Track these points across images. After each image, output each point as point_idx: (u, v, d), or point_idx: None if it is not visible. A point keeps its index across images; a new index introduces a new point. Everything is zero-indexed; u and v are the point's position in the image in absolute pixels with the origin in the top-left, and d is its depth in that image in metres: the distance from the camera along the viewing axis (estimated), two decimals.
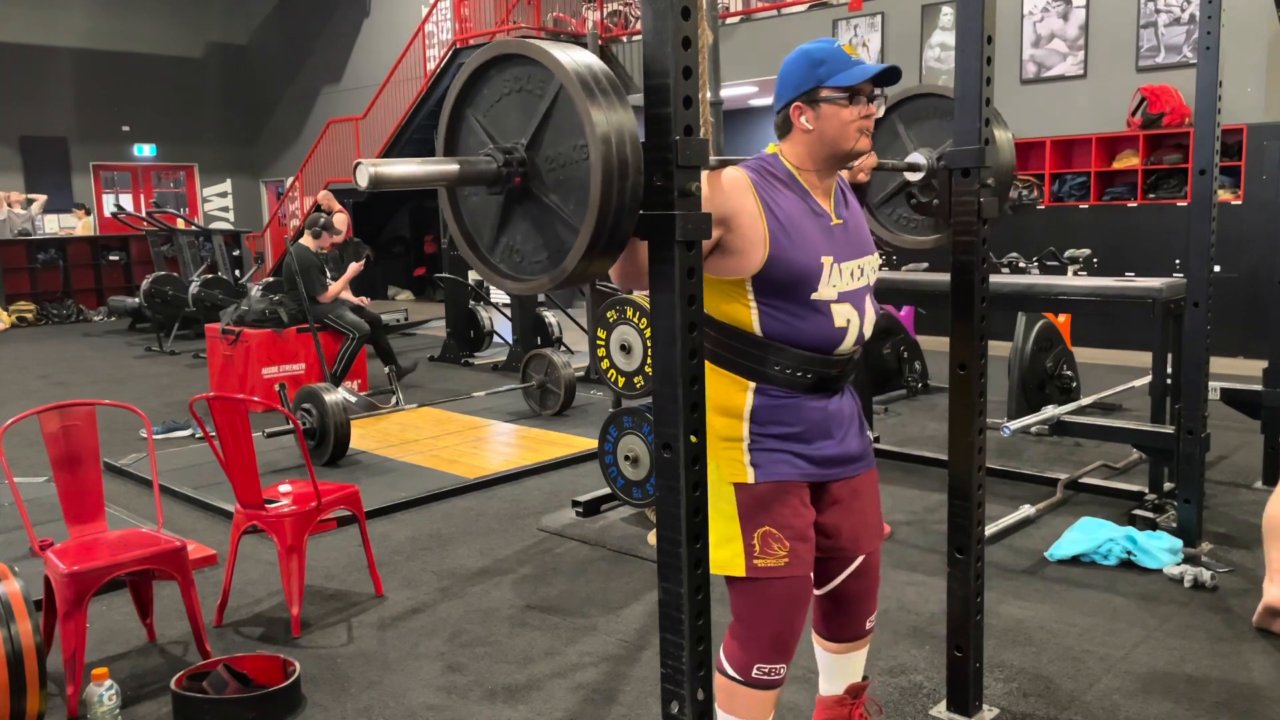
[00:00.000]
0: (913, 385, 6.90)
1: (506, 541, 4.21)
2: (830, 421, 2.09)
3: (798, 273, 1.99)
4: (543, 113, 1.68)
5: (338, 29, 17.01)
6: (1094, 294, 4.49)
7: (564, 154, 1.67)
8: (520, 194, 1.74)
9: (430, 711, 2.81)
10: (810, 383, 2.05)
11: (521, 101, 1.72)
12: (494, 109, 1.78)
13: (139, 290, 11.53)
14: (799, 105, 2.03)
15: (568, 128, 1.66)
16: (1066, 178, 8.91)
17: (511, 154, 1.71)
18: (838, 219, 2.09)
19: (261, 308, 7.27)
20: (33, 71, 16.09)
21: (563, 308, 8.86)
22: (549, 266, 1.73)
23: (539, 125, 1.69)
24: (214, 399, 3.36)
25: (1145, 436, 4.13)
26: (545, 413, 6.59)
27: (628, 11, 12.45)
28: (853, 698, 2.34)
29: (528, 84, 1.71)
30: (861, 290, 2.10)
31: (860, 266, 2.10)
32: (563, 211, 1.69)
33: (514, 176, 1.72)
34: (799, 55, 2.05)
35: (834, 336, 2.04)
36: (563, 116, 1.66)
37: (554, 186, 1.70)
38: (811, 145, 2.04)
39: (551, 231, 1.72)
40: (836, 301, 2.04)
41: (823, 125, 2.02)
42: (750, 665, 2.04)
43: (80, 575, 2.82)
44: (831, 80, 2.00)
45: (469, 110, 1.81)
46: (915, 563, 3.81)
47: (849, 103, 2.01)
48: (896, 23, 10.04)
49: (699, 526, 1.73)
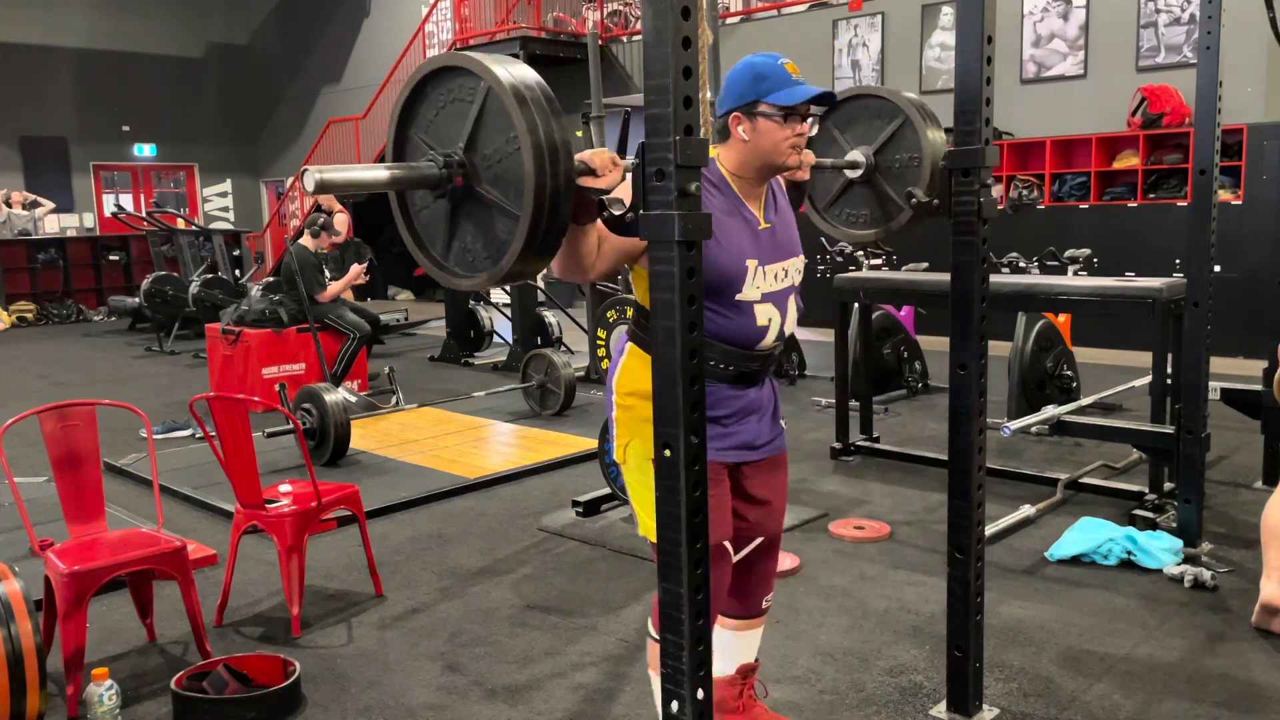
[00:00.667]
0: (913, 385, 6.91)
1: (506, 541, 4.21)
2: (748, 409, 2.27)
3: (724, 275, 2.13)
4: (475, 115, 1.81)
5: (338, 29, 17.01)
6: (1094, 294, 4.49)
7: (499, 149, 1.79)
8: (464, 194, 1.86)
9: (430, 711, 2.81)
10: (731, 375, 2.22)
11: (456, 112, 1.85)
12: (433, 124, 1.91)
13: (139, 290, 11.54)
14: (738, 115, 2.15)
15: (498, 125, 1.78)
16: (1066, 178, 8.91)
17: (451, 157, 1.84)
18: (766, 223, 2.23)
19: (261, 308, 7.27)
20: (33, 71, 16.09)
21: (563, 307, 8.86)
22: (499, 256, 1.84)
23: (473, 128, 1.81)
24: (214, 399, 3.36)
25: (1145, 436, 4.13)
26: (545, 413, 6.59)
27: (628, 11, 12.45)
28: (743, 678, 2.52)
29: (459, 93, 1.84)
30: (785, 291, 2.25)
31: (785, 268, 2.25)
32: (504, 203, 1.80)
33: (455, 177, 1.84)
34: (744, 66, 2.17)
35: (756, 334, 2.21)
36: (493, 116, 1.79)
37: (493, 181, 1.82)
38: (746, 155, 2.17)
39: (499, 224, 1.83)
40: (759, 302, 2.19)
41: (758, 139, 2.14)
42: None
43: (80, 575, 2.82)
44: (770, 97, 2.11)
45: (411, 131, 1.94)
46: (915, 563, 3.81)
47: (784, 121, 2.13)
48: (896, 23, 10.04)
49: (699, 527, 1.73)
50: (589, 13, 12.69)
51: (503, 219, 1.81)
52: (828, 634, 3.20)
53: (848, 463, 5.25)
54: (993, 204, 2.43)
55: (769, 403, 2.35)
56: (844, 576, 3.69)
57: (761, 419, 2.31)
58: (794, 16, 10.89)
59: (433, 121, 1.91)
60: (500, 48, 12.25)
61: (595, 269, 2.05)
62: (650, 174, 1.64)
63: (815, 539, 4.08)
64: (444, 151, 1.85)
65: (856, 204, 3.02)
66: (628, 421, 2.23)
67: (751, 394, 2.28)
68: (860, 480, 4.95)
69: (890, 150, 2.90)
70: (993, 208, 2.44)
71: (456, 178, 1.83)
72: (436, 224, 1.95)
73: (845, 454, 5.30)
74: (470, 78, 1.81)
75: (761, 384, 2.32)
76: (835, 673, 2.94)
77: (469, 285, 1.94)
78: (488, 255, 1.87)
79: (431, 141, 1.90)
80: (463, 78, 1.83)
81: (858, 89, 3.08)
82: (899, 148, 2.88)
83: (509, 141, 1.76)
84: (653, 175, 1.63)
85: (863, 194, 3.00)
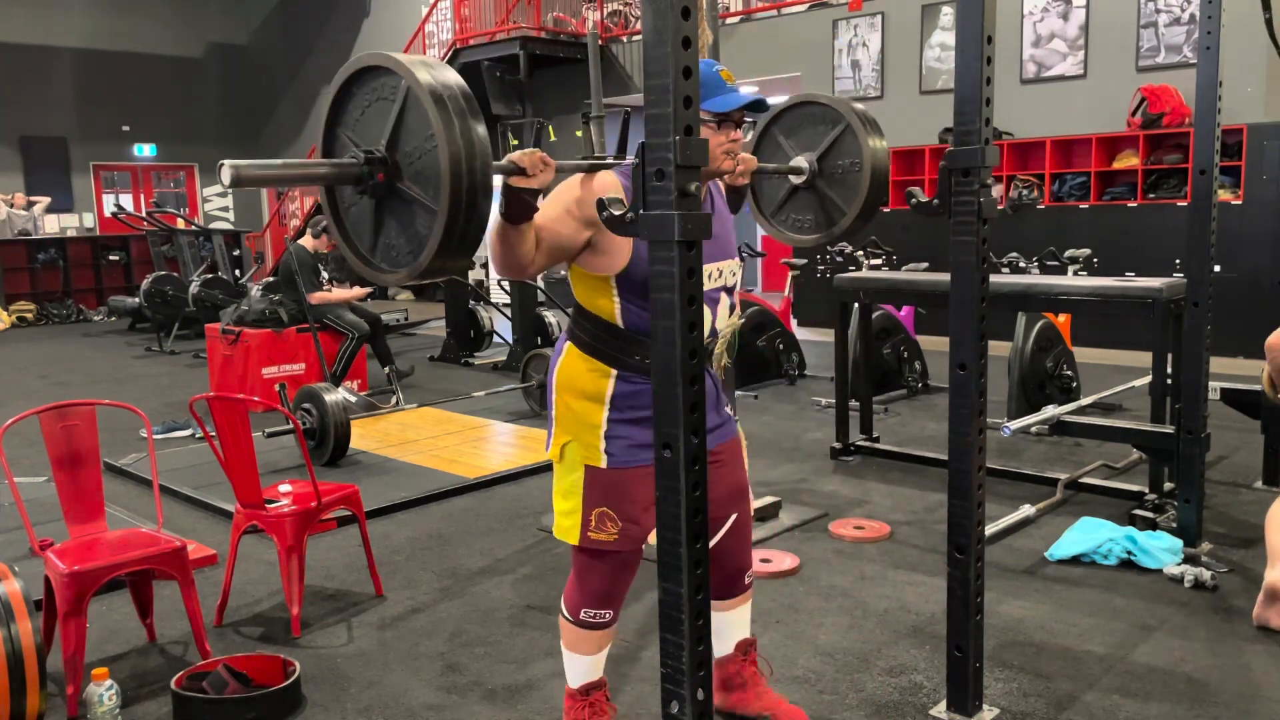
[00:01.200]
0: (913, 385, 6.91)
1: (506, 541, 4.21)
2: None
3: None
4: (396, 114, 1.86)
5: (338, 29, 17.01)
6: (1094, 294, 4.49)
7: (418, 147, 1.85)
8: (385, 190, 1.91)
9: (430, 711, 2.81)
10: None
11: (380, 110, 1.91)
12: (359, 122, 1.96)
13: (139, 290, 11.53)
14: None
15: (418, 124, 1.83)
16: (1066, 178, 8.91)
17: (372, 154, 1.90)
18: None
19: (261, 308, 7.27)
20: (33, 71, 16.09)
21: (563, 307, 8.86)
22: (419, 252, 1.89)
23: (394, 125, 1.87)
24: (214, 399, 3.36)
25: (1145, 436, 4.13)
26: (545, 412, 6.58)
27: (628, 11, 12.45)
28: (743, 654, 2.63)
29: (383, 92, 1.90)
30: (716, 290, 2.32)
31: (719, 269, 2.32)
32: (423, 199, 1.85)
33: (376, 173, 1.88)
34: None
35: None
36: (413, 115, 1.85)
37: (414, 178, 1.87)
38: None
39: (420, 220, 1.88)
40: None
41: None
42: (579, 609, 2.40)
43: (80, 575, 2.82)
44: (705, 104, 2.15)
45: (339, 130, 1.99)
46: (915, 563, 3.81)
47: (718, 128, 2.20)
48: (896, 23, 10.04)
49: (699, 527, 1.73)
50: (589, 13, 12.69)
51: (423, 215, 1.87)
52: (828, 634, 3.20)
53: (848, 463, 5.25)
54: (993, 204, 2.43)
55: (709, 395, 2.38)
56: (844, 576, 3.69)
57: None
58: (794, 16, 10.89)
59: (359, 120, 1.96)
60: (500, 48, 12.26)
61: (534, 264, 2.13)
62: (650, 174, 1.64)
63: (815, 539, 4.08)
64: (366, 149, 1.90)
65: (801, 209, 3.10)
66: (567, 421, 2.32)
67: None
68: (860, 480, 4.95)
69: (832, 156, 2.94)
70: (993, 208, 2.43)
71: (378, 174, 1.89)
72: (363, 220, 2.01)
73: (845, 454, 5.30)
74: (392, 77, 1.87)
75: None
76: (835, 673, 2.94)
77: (393, 281, 1.99)
78: (409, 250, 1.92)
79: (358, 139, 1.94)
80: (385, 77, 1.89)
81: (801, 96, 3.14)
82: (841, 153, 2.93)
83: (427, 139, 1.82)
84: (653, 175, 1.63)
85: (807, 199, 3.06)
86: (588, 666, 2.48)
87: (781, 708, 2.62)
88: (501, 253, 2.07)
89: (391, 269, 1.97)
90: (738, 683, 2.64)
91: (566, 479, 2.33)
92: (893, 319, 6.90)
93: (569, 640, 2.46)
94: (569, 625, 2.44)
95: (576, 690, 2.49)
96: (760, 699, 2.62)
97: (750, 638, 2.66)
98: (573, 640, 2.45)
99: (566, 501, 2.33)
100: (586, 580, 2.39)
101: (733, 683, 2.65)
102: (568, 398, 2.32)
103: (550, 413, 2.37)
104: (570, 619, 2.43)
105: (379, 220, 1.97)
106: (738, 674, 2.64)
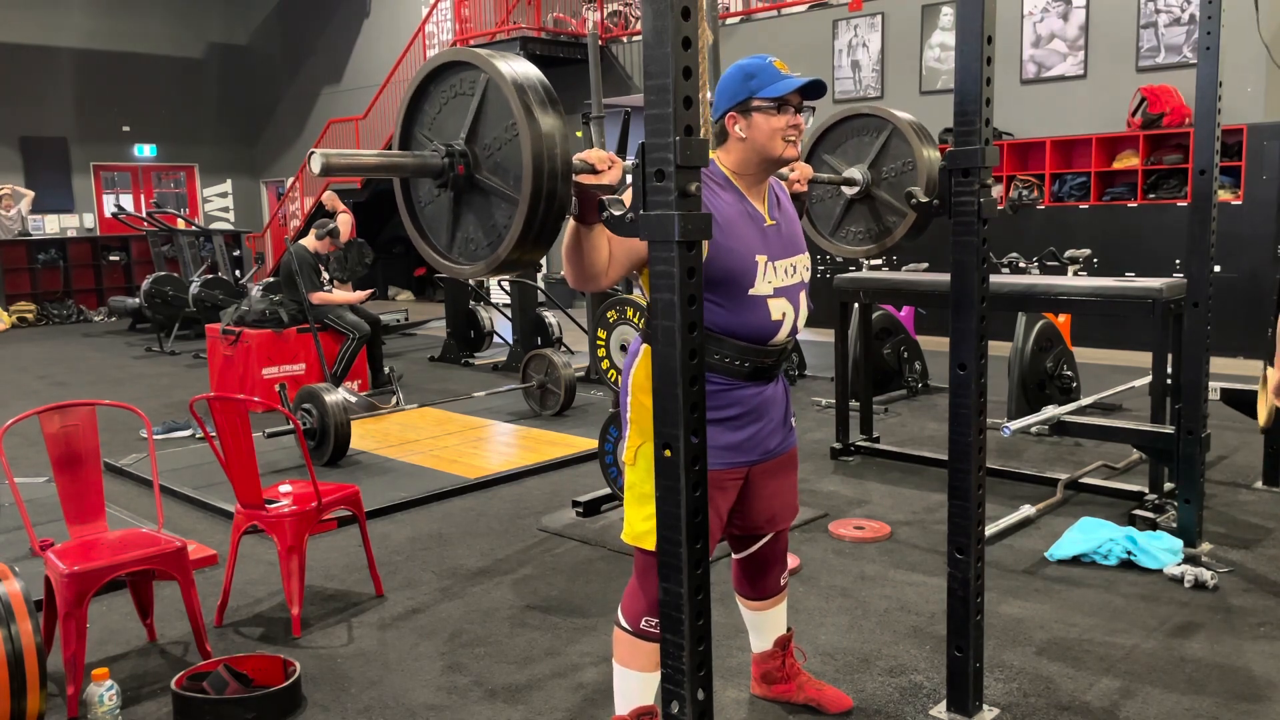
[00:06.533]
0: (913, 385, 6.91)
1: (506, 541, 4.21)
2: (764, 406, 2.34)
3: (735, 269, 2.20)
4: (475, 107, 1.88)
5: (338, 29, 17.01)
6: (1094, 294, 4.49)
7: (498, 137, 1.86)
8: (465, 183, 1.93)
9: (430, 711, 2.81)
10: (747, 370, 2.28)
11: (458, 106, 1.94)
12: (435, 121, 1.98)
13: (139, 290, 11.53)
14: (733, 115, 2.24)
15: (498, 114, 1.85)
16: (1066, 178, 8.91)
17: (452, 147, 1.91)
18: (771, 220, 2.30)
19: (262, 308, 7.27)
20: (33, 71, 16.09)
21: (563, 308, 8.86)
22: (498, 243, 1.90)
23: (474, 119, 1.89)
24: (214, 399, 3.36)
25: (1145, 436, 4.13)
26: (545, 413, 6.59)
27: (628, 11, 12.45)
28: (781, 649, 2.70)
29: (460, 88, 1.93)
30: (796, 286, 2.32)
31: (793, 264, 2.32)
32: (503, 189, 1.86)
33: (457, 165, 1.90)
34: (734, 70, 2.26)
35: (770, 328, 2.27)
36: (493, 106, 1.86)
37: (493, 169, 1.89)
38: (745, 151, 2.24)
39: (499, 210, 1.89)
40: (772, 296, 2.26)
41: (754, 133, 2.22)
42: (640, 618, 2.30)
43: (80, 575, 2.82)
44: (762, 92, 2.20)
45: (416, 129, 2.02)
46: (915, 563, 3.81)
47: (777, 112, 2.21)
48: (896, 23, 10.04)
49: (699, 527, 1.73)
50: (589, 13, 12.69)
51: (502, 205, 1.88)
52: (828, 634, 3.20)
53: (848, 463, 5.25)
54: (993, 204, 2.44)
55: (782, 401, 2.42)
56: (844, 576, 3.69)
57: (773, 419, 2.38)
58: (794, 16, 10.89)
59: (435, 119, 1.98)
60: (500, 48, 12.19)
61: (609, 275, 2.09)
62: (650, 174, 1.64)
63: (815, 539, 4.08)
64: (446, 142, 1.92)
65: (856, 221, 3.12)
66: (643, 422, 2.23)
67: (767, 390, 2.35)
68: (860, 480, 4.95)
69: (883, 162, 2.95)
70: (993, 208, 2.44)
71: (458, 166, 1.90)
72: (440, 216, 2.02)
73: (845, 454, 5.30)
74: (471, 70, 1.89)
75: (776, 380, 2.39)
76: (835, 673, 2.94)
77: (470, 273, 1.99)
78: (488, 242, 1.92)
79: (434, 138, 1.96)
80: (464, 72, 1.91)
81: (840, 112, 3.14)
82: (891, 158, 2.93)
83: (508, 129, 1.83)
84: (653, 175, 1.63)
85: (861, 211, 3.08)
86: (641, 686, 2.34)
87: (826, 695, 2.71)
88: (575, 262, 2.02)
89: (470, 262, 1.98)
90: (779, 676, 2.72)
91: (641, 481, 2.23)
92: (893, 319, 6.90)
93: (624, 654, 2.33)
94: (626, 637, 2.31)
95: (626, 717, 2.36)
96: (803, 689, 2.72)
97: (787, 633, 2.71)
98: (628, 654, 2.32)
99: (644, 506, 2.18)
100: (651, 587, 2.24)
101: (773, 676, 2.73)
102: (643, 398, 2.22)
103: (625, 415, 2.30)
104: (629, 629, 2.31)
105: (457, 214, 1.98)
106: (779, 668, 2.72)
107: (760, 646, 2.73)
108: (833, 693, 2.73)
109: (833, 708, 2.69)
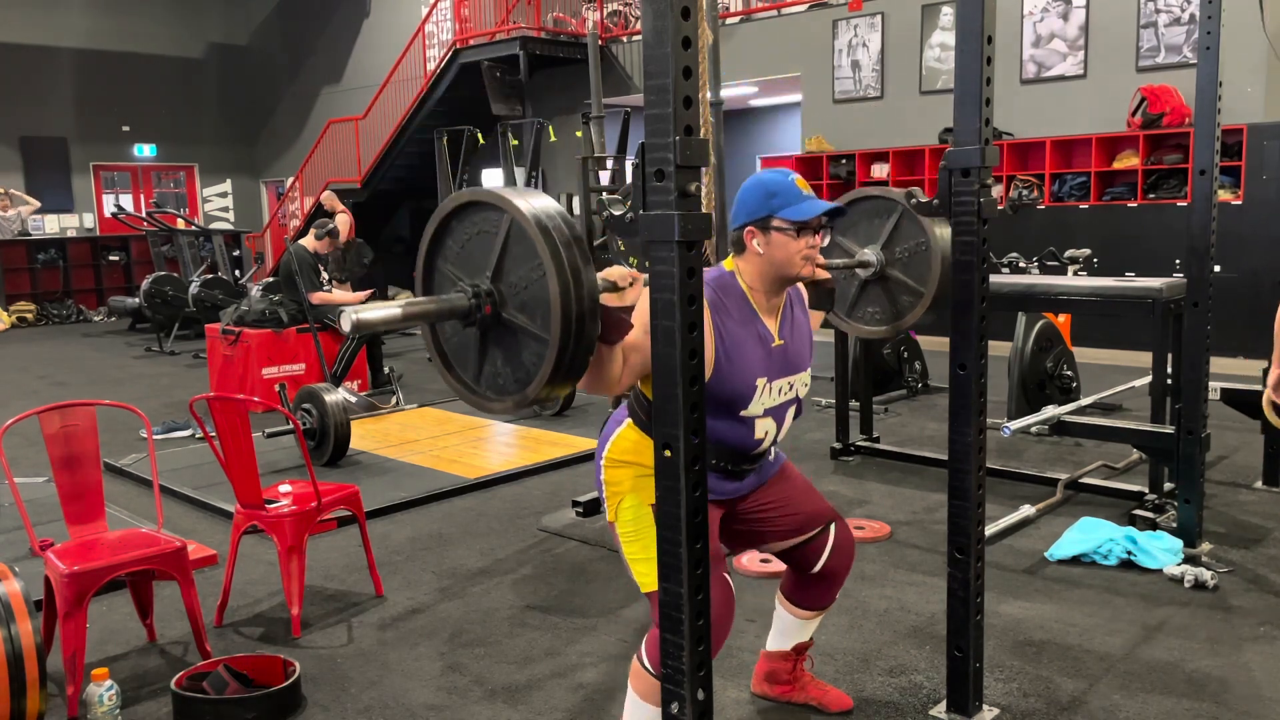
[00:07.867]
0: (913, 385, 6.91)
1: (506, 541, 4.21)
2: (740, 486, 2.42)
3: (733, 394, 2.23)
4: (500, 246, 1.88)
5: (338, 29, 17.00)
6: (1094, 294, 4.49)
7: (524, 276, 1.86)
8: (492, 321, 1.92)
9: (430, 711, 2.81)
10: (726, 470, 2.37)
11: (482, 242, 1.93)
12: (459, 255, 1.97)
13: (139, 290, 11.53)
14: (752, 229, 2.24)
15: (523, 254, 1.84)
16: (1066, 178, 8.91)
17: (479, 286, 1.91)
18: (779, 339, 2.33)
19: (261, 308, 7.27)
20: (33, 71, 16.07)
21: None
22: (527, 381, 1.89)
23: (499, 257, 1.88)
24: (214, 399, 3.36)
25: (1145, 436, 4.13)
26: (545, 413, 6.59)
27: (628, 11, 12.45)
28: (797, 654, 2.71)
29: (484, 225, 1.92)
30: (786, 404, 2.36)
31: (790, 383, 2.35)
32: (531, 327, 1.85)
33: (484, 305, 1.90)
34: (755, 183, 2.25)
35: (752, 445, 2.33)
36: (517, 245, 1.86)
37: (521, 308, 1.88)
38: (762, 267, 2.26)
39: (527, 348, 1.88)
40: (761, 417, 2.30)
41: (772, 251, 2.23)
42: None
43: (80, 575, 2.82)
44: (782, 212, 2.20)
45: (440, 262, 2.01)
46: (915, 563, 3.81)
47: (797, 235, 2.21)
48: (896, 23, 10.04)
49: (699, 527, 1.73)
50: (589, 13, 12.69)
51: (530, 343, 1.87)
52: (828, 634, 3.20)
53: (848, 463, 5.25)
54: (993, 204, 2.44)
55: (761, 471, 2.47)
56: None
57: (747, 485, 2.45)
58: (794, 16, 10.89)
59: (459, 254, 1.97)
60: (500, 48, 12.25)
61: (621, 383, 2.10)
62: (650, 174, 1.64)
63: None
64: (472, 282, 1.92)
65: (871, 302, 3.10)
66: (616, 481, 2.29)
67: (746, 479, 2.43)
68: (860, 480, 4.95)
69: (896, 242, 2.94)
70: (993, 208, 2.44)
71: (485, 306, 1.90)
72: (467, 349, 2.01)
73: (845, 454, 5.30)
74: (494, 211, 1.89)
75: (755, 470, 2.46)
76: (835, 673, 2.94)
77: (500, 409, 1.99)
78: (516, 379, 1.92)
79: (458, 272, 1.96)
80: (486, 211, 1.91)
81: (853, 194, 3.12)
82: (903, 238, 2.92)
83: (534, 269, 1.83)
84: (653, 175, 1.63)
85: (875, 292, 3.06)
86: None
87: (830, 695, 2.72)
88: (591, 372, 1.97)
89: (498, 396, 1.97)
90: (785, 678, 2.73)
91: (635, 533, 2.24)
92: None
93: (643, 689, 2.25)
94: (647, 676, 2.22)
95: None
96: (804, 690, 2.73)
97: (808, 641, 2.71)
98: (647, 689, 2.23)
99: (642, 551, 2.20)
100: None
101: (779, 677, 2.74)
102: (620, 459, 2.28)
103: (601, 492, 2.33)
104: (652, 671, 2.20)
105: (483, 349, 1.97)
106: (788, 671, 2.72)
107: (777, 646, 2.72)
108: (834, 693, 2.73)
109: (834, 707, 2.70)
